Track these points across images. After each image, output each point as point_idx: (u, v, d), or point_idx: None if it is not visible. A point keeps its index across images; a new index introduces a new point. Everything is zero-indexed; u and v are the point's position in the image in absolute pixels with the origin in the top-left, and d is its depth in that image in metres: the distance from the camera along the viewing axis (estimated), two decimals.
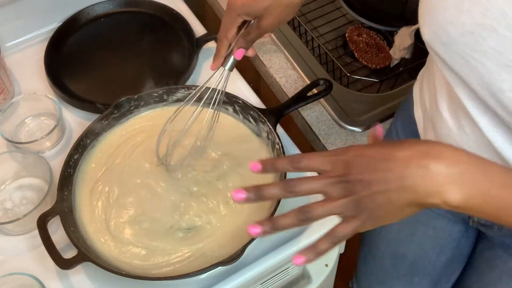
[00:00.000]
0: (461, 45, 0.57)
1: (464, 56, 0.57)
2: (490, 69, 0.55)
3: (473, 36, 0.55)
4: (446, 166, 0.52)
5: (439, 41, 0.60)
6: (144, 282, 0.77)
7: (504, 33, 0.52)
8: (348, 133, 0.98)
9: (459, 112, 0.67)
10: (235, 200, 0.59)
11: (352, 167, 0.55)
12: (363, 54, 1.15)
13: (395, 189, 0.53)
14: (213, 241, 0.82)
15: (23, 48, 1.08)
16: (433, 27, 0.60)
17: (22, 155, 0.91)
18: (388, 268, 1.01)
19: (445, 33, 0.58)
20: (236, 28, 0.79)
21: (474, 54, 0.56)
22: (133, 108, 0.94)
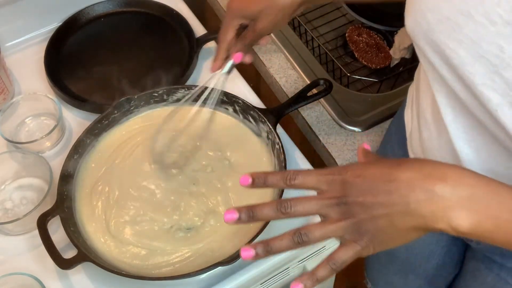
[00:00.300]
0: (438, 33, 0.56)
1: (440, 45, 0.56)
2: (464, 60, 0.54)
3: (450, 22, 0.54)
4: (453, 188, 0.49)
5: (419, 30, 0.58)
6: (144, 282, 0.77)
7: (480, 20, 0.51)
8: (348, 133, 0.98)
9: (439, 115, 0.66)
10: (226, 221, 0.56)
11: (352, 188, 0.52)
12: (363, 54, 1.15)
13: (398, 213, 0.50)
14: (213, 241, 0.82)
15: (23, 48, 1.08)
16: (414, 14, 0.59)
17: (22, 155, 0.91)
18: (384, 263, 1.02)
19: (424, 20, 0.57)
20: (234, 30, 0.80)
21: (450, 43, 0.54)
22: (133, 108, 0.94)
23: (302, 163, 0.91)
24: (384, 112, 1.01)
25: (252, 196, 0.85)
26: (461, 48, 0.53)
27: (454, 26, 0.53)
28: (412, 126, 0.79)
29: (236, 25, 0.79)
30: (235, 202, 0.85)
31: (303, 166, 0.90)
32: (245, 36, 0.80)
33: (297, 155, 0.92)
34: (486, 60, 0.52)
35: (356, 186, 0.52)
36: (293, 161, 0.91)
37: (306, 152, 0.94)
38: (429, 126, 0.70)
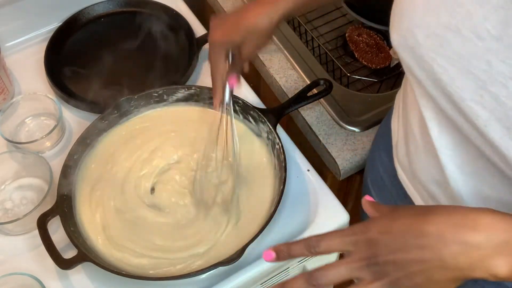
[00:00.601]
0: (426, 49, 0.55)
1: (428, 61, 0.55)
2: (452, 75, 0.53)
3: (438, 38, 0.53)
4: (486, 236, 0.47)
5: (406, 45, 0.58)
6: (144, 282, 0.77)
7: (468, 35, 0.51)
8: (348, 133, 0.98)
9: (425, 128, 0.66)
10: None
11: (380, 247, 0.50)
12: (363, 54, 1.15)
13: (434, 268, 0.49)
14: (212, 241, 0.82)
15: (23, 48, 1.08)
16: (401, 30, 0.58)
17: (22, 155, 0.91)
18: None
19: (412, 35, 0.56)
20: (224, 61, 0.80)
21: (438, 59, 0.54)
22: (133, 108, 0.94)
23: (302, 163, 0.91)
24: (384, 112, 1.01)
25: (252, 196, 0.85)
26: (449, 63, 0.53)
27: (442, 41, 0.53)
28: (399, 136, 0.78)
29: (223, 57, 0.79)
30: (233, 202, 0.85)
31: (303, 166, 0.90)
32: (234, 64, 0.80)
33: (297, 155, 0.92)
34: (474, 76, 0.51)
35: (385, 244, 0.50)
36: (293, 161, 0.91)
37: (306, 152, 0.94)
38: (416, 140, 0.69)
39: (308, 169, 0.90)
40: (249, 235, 0.80)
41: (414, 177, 0.75)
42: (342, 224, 0.85)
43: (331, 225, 0.85)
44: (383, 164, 0.86)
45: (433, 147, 0.65)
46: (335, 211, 0.86)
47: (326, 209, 0.86)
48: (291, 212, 0.86)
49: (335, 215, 0.86)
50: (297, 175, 0.90)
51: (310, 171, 0.90)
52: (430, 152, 0.67)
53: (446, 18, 0.52)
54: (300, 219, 0.85)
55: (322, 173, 0.94)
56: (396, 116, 0.80)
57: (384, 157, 0.85)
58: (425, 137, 0.67)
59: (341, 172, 0.95)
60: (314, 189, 0.88)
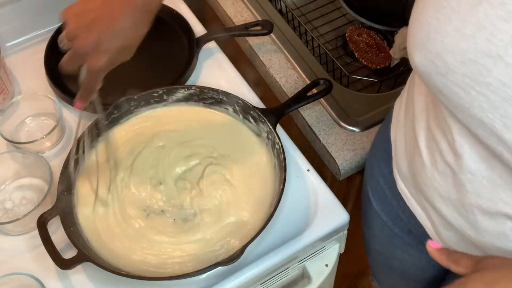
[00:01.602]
0: (461, 75, 0.52)
1: (464, 88, 0.52)
2: (494, 103, 0.50)
3: (476, 65, 0.50)
4: None
5: (435, 71, 0.55)
6: (144, 282, 0.77)
7: (510, 61, 0.48)
8: (348, 133, 0.98)
9: (434, 145, 0.64)
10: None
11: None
12: (363, 54, 1.15)
13: None
14: (213, 241, 0.82)
15: (23, 48, 1.08)
16: (428, 54, 0.55)
17: (22, 155, 0.91)
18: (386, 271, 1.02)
19: (443, 62, 0.53)
20: None
21: (477, 86, 0.51)
22: (133, 108, 0.94)
23: (302, 163, 0.91)
24: (384, 112, 1.01)
25: (252, 192, 0.85)
26: (490, 91, 0.50)
27: (481, 68, 0.50)
28: (398, 148, 0.77)
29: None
30: (234, 202, 0.85)
31: (303, 166, 0.91)
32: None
33: (297, 155, 0.92)
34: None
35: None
36: (293, 161, 0.91)
37: (306, 152, 0.94)
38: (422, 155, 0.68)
39: (308, 169, 0.90)
40: (248, 236, 0.80)
41: (417, 190, 0.74)
42: (342, 224, 0.85)
43: (331, 225, 0.85)
44: (382, 175, 0.85)
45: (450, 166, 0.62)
46: (335, 211, 0.86)
47: (326, 209, 0.86)
48: (291, 212, 0.86)
49: (335, 215, 0.86)
50: (297, 175, 0.90)
51: (310, 171, 0.90)
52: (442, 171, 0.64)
53: (485, 44, 0.49)
54: (300, 219, 0.85)
55: (322, 173, 0.94)
56: (395, 127, 0.79)
57: (383, 167, 0.84)
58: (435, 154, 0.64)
59: (341, 172, 0.95)
60: (314, 189, 0.88)
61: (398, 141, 0.77)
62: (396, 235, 0.87)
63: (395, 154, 0.79)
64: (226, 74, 1.03)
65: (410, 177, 0.75)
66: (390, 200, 0.84)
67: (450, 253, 0.54)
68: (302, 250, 0.83)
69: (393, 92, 1.07)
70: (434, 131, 0.64)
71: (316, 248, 0.87)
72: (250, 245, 0.77)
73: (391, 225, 0.87)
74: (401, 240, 0.87)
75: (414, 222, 0.79)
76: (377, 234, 0.93)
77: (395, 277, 1.00)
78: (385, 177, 0.84)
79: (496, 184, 0.58)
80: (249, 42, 1.11)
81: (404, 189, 0.78)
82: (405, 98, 0.76)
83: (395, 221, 0.86)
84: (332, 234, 0.86)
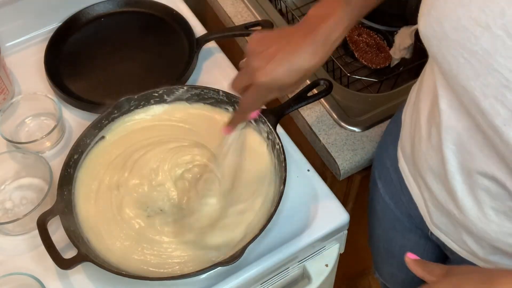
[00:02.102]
0: (452, 41, 0.55)
1: (454, 54, 0.56)
2: (477, 71, 0.53)
3: (466, 32, 0.53)
4: None
5: (432, 35, 0.58)
6: (144, 282, 0.77)
7: (498, 32, 0.51)
8: (348, 133, 0.98)
9: (432, 119, 0.66)
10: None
11: None
12: (363, 54, 1.15)
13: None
14: (213, 241, 0.82)
15: (23, 48, 1.08)
16: (430, 19, 0.58)
17: (22, 155, 0.91)
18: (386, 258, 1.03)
19: (439, 26, 0.56)
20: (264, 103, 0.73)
21: (465, 53, 0.54)
22: (133, 108, 0.94)
23: (302, 163, 0.91)
24: (384, 112, 1.01)
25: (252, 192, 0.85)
26: (475, 59, 0.53)
27: (471, 36, 0.53)
28: (405, 126, 0.78)
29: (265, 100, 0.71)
30: (234, 202, 0.85)
31: (303, 166, 0.91)
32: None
33: (297, 155, 0.92)
34: (499, 74, 0.51)
35: None
36: (293, 161, 0.91)
37: (306, 152, 0.94)
38: (421, 130, 0.70)
39: (308, 169, 0.90)
40: (249, 235, 0.80)
41: (414, 167, 0.76)
42: (342, 224, 0.85)
43: (331, 225, 0.85)
44: (390, 157, 0.87)
45: (438, 139, 0.65)
46: (335, 211, 0.86)
47: (326, 209, 0.86)
48: (291, 212, 0.86)
49: (335, 215, 0.86)
50: (297, 175, 0.90)
51: (310, 171, 0.90)
52: (434, 144, 0.67)
53: (477, 13, 0.52)
54: (300, 219, 0.85)
55: (322, 173, 0.94)
56: (408, 106, 0.80)
57: (391, 150, 0.86)
58: (431, 128, 0.67)
59: (341, 172, 0.95)
60: (314, 189, 0.88)
61: (406, 120, 0.79)
62: (398, 219, 0.89)
63: (402, 134, 0.80)
64: (226, 74, 1.03)
65: (410, 154, 0.76)
66: (395, 183, 0.86)
67: (425, 264, 0.56)
68: (302, 250, 0.83)
69: (393, 92, 1.07)
70: (435, 105, 0.65)
71: (316, 248, 0.87)
72: (250, 245, 0.77)
73: (394, 208, 0.89)
74: (402, 224, 0.89)
75: (413, 206, 0.81)
76: (380, 218, 0.95)
77: (394, 265, 1.01)
78: (391, 159, 0.86)
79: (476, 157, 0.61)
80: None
81: (404, 166, 0.80)
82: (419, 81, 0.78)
83: (397, 204, 0.88)
84: (332, 234, 0.86)
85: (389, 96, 1.05)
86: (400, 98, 1.03)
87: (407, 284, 1.03)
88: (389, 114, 1.01)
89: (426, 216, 0.79)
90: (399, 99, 1.03)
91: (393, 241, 0.95)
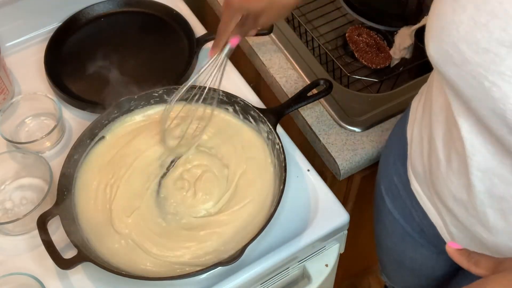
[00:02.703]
0: (475, 65, 0.52)
1: (477, 78, 0.53)
2: (506, 92, 0.51)
3: (489, 54, 0.51)
4: None
5: (449, 61, 0.55)
6: (144, 282, 0.77)
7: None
8: (348, 133, 0.98)
9: (451, 144, 0.64)
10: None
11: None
12: (363, 54, 1.15)
13: None
14: (213, 241, 0.82)
15: (23, 48, 1.08)
16: (443, 44, 0.55)
17: (22, 155, 0.91)
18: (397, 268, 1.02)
19: (457, 51, 0.54)
20: (235, 24, 0.80)
21: (489, 76, 0.51)
22: (133, 108, 0.94)
23: (302, 163, 0.91)
24: (384, 112, 1.01)
25: (252, 192, 0.85)
26: (503, 80, 0.51)
27: (495, 57, 0.51)
28: (414, 146, 0.77)
29: (237, 19, 0.79)
30: (234, 202, 0.85)
31: (303, 166, 0.91)
32: (244, 26, 0.80)
33: (297, 155, 0.92)
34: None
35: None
36: (293, 161, 0.91)
37: (306, 152, 0.94)
38: (439, 155, 0.68)
39: (308, 169, 0.90)
40: (248, 236, 0.80)
41: (432, 191, 0.74)
42: (342, 224, 0.85)
43: (331, 225, 0.85)
44: (397, 173, 0.85)
45: (461, 165, 0.63)
46: (335, 211, 0.86)
47: (326, 209, 0.86)
48: (291, 212, 0.86)
49: (335, 215, 0.86)
50: (297, 175, 0.90)
51: (310, 171, 0.90)
52: (455, 170, 0.64)
53: (499, 33, 0.50)
54: (300, 219, 0.85)
55: (322, 173, 0.94)
56: (412, 125, 0.78)
57: (399, 166, 0.84)
58: (451, 153, 0.64)
59: (341, 172, 0.95)
60: (314, 189, 0.88)
61: (415, 139, 0.77)
62: (408, 233, 0.88)
63: (411, 153, 0.79)
64: (226, 74, 1.02)
65: (424, 176, 0.75)
66: (404, 199, 0.84)
67: (470, 254, 0.54)
68: (302, 250, 0.83)
69: (393, 92, 1.07)
70: (452, 129, 0.64)
71: (316, 248, 0.87)
72: (250, 245, 0.77)
73: (404, 224, 0.87)
74: (413, 239, 0.88)
75: (426, 222, 0.80)
76: (390, 232, 0.94)
77: (406, 274, 1.00)
78: (400, 176, 0.84)
79: (508, 181, 0.58)
80: (249, 42, 1.11)
81: (418, 188, 0.78)
82: (424, 97, 0.76)
83: (407, 219, 0.86)
84: (332, 234, 0.86)
85: (389, 96, 1.05)
86: (400, 98, 1.03)
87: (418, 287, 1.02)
88: (389, 114, 1.01)
89: (445, 235, 0.76)
90: (399, 99, 1.03)
91: (404, 253, 0.93)
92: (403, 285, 1.07)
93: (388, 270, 1.08)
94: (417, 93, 0.86)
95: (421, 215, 0.80)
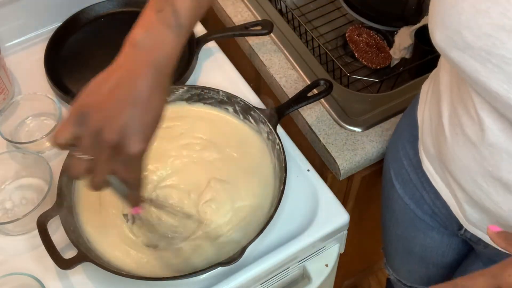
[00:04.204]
0: (477, 49, 0.55)
1: (481, 61, 0.55)
2: (509, 74, 0.53)
3: (491, 39, 0.53)
4: None
5: (454, 46, 0.58)
6: (144, 282, 0.77)
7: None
8: (348, 133, 0.98)
9: (456, 120, 0.66)
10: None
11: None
12: (363, 54, 1.15)
13: None
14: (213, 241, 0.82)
15: (23, 48, 1.08)
16: (447, 31, 0.58)
17: (22, 155, 0.91)
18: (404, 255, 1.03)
19: (460, 37, 0.56)
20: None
21: (492, 59, 0.54)
22: None
23: (302, 163, 0.91)
24: (384, 112, 1.01)
25: (252, 193, 0.85)
26: (505, 63, 0.53)
27: (496, 41, 0.53)
28: (424, 126, 0.78)
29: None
30: (234, 202, 0.85)
31: (303, 166, 0.90)
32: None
33: (297, 155, 0.92)
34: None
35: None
36: (293, 161, 0.91)
37: (306, 152, 0.94)
38: (445, 132, 0.69)
39: (308, 169, 0.90)
40: (248, 236, 0.80)
41: (443, 168, 0.75)
42: (342, 224, 0.85)
43: (331, 225, 0.85)
44: (407, 156, 0.86)
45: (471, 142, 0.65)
46: (335, 211, 0.86)
47: (326, 209, 0.86)
48: (291, 212, 0.86)
49: (335, 215, 0.86)
50: (297, 175, 0.90)
51: (310, 171, 0.90)
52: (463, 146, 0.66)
53: (499, 18, 0.52)
54: (300, 219, 0.85)
55: (322, 173, 0.94)
56: (422, 107, 0.80)
57: (409, 149, 0.86)
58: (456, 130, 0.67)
59: (341, 172, 0.95)
60: (314, 189, 0.88)
61: (425, 120, 0.78)
62: (419, 218, 0.89)
63: (422, 134, 0.80)
64: (226, 74, 1.03)
65: (435, 154, 0.76)
66: (414, 183, 0.86)
67: (508, 236, 0.55)
68: (302, 250, 0.83)
69: (393, 92, 1.07)
70: (457, 106, 0.66)
71: (316, 248, 0.87)
72: (250, 246, 0.77)
73: (414, 208, 0.89)
74: (424, 223, 0.89)
75: (439, 203, 0.81)
76: (399, 218, 0.95)
77: (413, 263, 1.01)
78: (409, 159, 0.86)
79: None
80: (249, 42, 1.11)
81: (430, 167, 0.80)
82: (433, 80, 0.78)
83: (418, 203, 0.87)
84: (332, 234, 0.86)
85: (389, 96, 1.05)
86: (400, 98, 1.03)
87: (425, 278, 1.03)
88: (389, 114, 1.01)
89: (459, 214, 0.78)
90: (399, 99, 1.03)
91: (414, 240, 0.95)
92: (409, 275, 1.07)
93: (395, 261, 1.08)
94: (417, 93, 0.87)
95: (433, 196, 0.82)
